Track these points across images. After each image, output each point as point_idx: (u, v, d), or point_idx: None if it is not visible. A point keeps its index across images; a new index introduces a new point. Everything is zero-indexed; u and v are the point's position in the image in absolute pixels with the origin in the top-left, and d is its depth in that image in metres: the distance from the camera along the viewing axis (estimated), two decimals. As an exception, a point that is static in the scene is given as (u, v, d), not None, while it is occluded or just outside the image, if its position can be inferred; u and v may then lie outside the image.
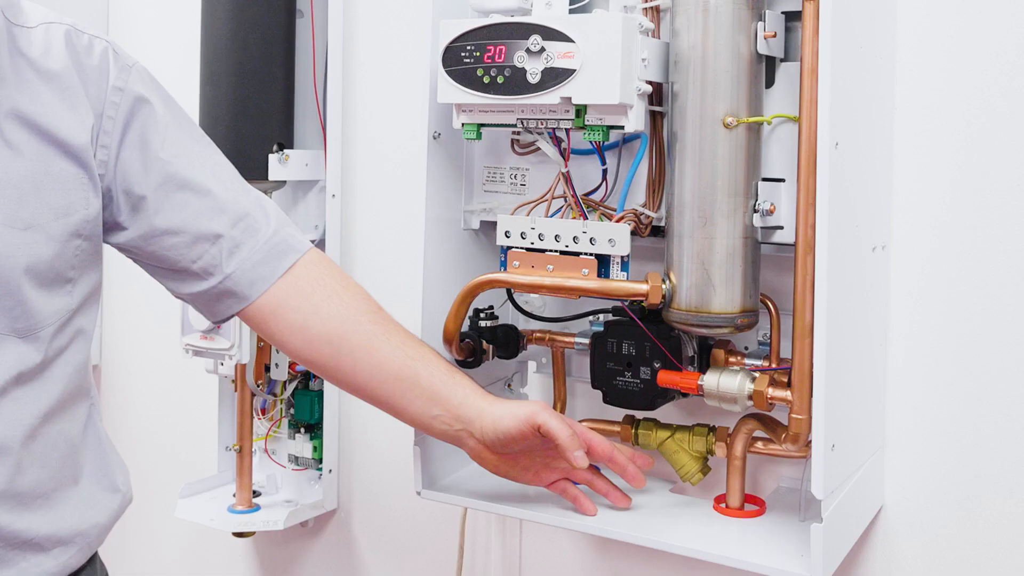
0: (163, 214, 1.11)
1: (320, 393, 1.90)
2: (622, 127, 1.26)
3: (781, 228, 1.28)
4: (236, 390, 1.87)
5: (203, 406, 2.05)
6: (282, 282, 1.16)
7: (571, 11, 1.30)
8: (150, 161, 1.10)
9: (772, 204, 1.26)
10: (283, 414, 1.94)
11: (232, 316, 1.18)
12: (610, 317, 1.43)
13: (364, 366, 1.16)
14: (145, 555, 2.25)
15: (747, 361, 1.35)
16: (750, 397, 1.29)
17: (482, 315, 1.47)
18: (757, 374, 1.29)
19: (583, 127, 1.27)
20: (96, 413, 1.18)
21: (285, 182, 1.86)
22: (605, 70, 1.22)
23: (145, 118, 1.11)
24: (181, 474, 2.06)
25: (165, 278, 1.17)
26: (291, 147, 1.85)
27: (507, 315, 1.53)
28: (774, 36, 1.26)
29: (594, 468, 1.33)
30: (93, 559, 1.15)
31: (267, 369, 1.87)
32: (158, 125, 1.12)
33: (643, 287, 1.28)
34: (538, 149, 1.40)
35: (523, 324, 1.56)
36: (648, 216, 1.34)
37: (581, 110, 1.27)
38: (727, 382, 1.30)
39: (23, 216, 1.00)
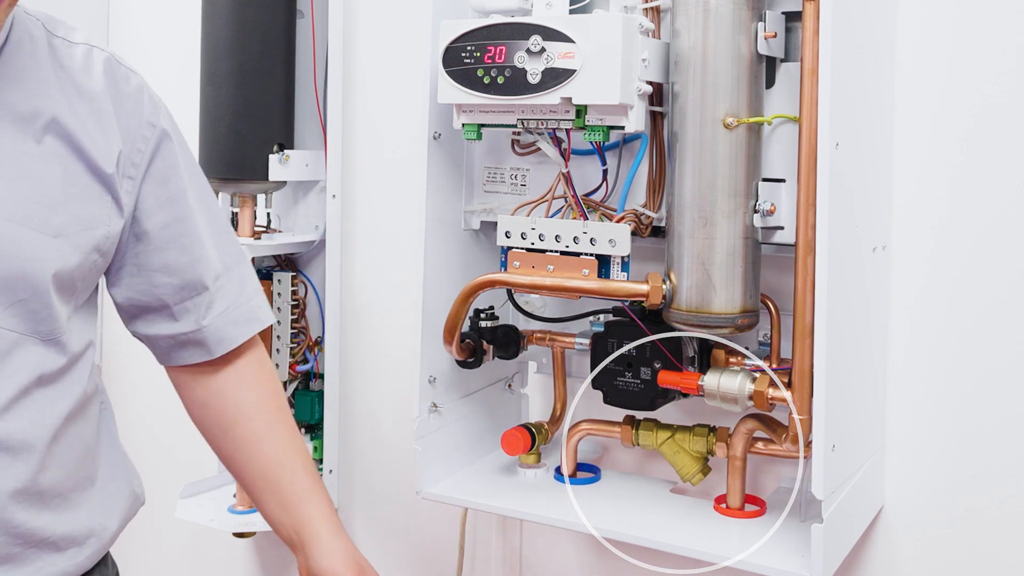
0: (162, 253, 1.14)
1: (320, 393, 1.90)
2: (622, 127, 1.26)
3: (781, 228, 1.28)
4: (236, 390, 1.86)
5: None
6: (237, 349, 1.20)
7: (571, 11, 1.30)
8: (162, 200, 1.13)
9: (772, 204, 1.26)
10: (283, 414, 1.93)
11: (183, 365, 1.20)
12: (610, 317, 1.43)
13: (241, 457, 1.21)
14: (146, 555, 2.25)
15: (747, 361, 1.35)
16: (750, 397, 1.29)
17: (482, 315, 1.47)
18: (757, 374, 1.30)
19: (583, 127, 1.27)
20: (108, 415, 1.20)
21: (285, 182, 1.86)
22: (605, 70, 1.22)
23: (166, 156, 1.14)
24: (181, 474, 2.06)
25: (137, 313, 1.18)
26: (291, 147, 1.85)
27: (507, 315, 1.53)
28: (774, 36, 1.26)
29: None
30: (105, 559, 1.17)
31: (267, 369, 1.87)
32: (177, 167, 1.15)
33: (643, 287, 1.28)
34: (538, 149, 1.40)
35: (523, 324, 1.56)
36: (648, 216, 1.34)
37: (581, 110, 1.27)
38: (727, 382, 1.30)
39: (54, 224, 1.02)
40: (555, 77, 1.25)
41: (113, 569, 1.20)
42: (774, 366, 1.31)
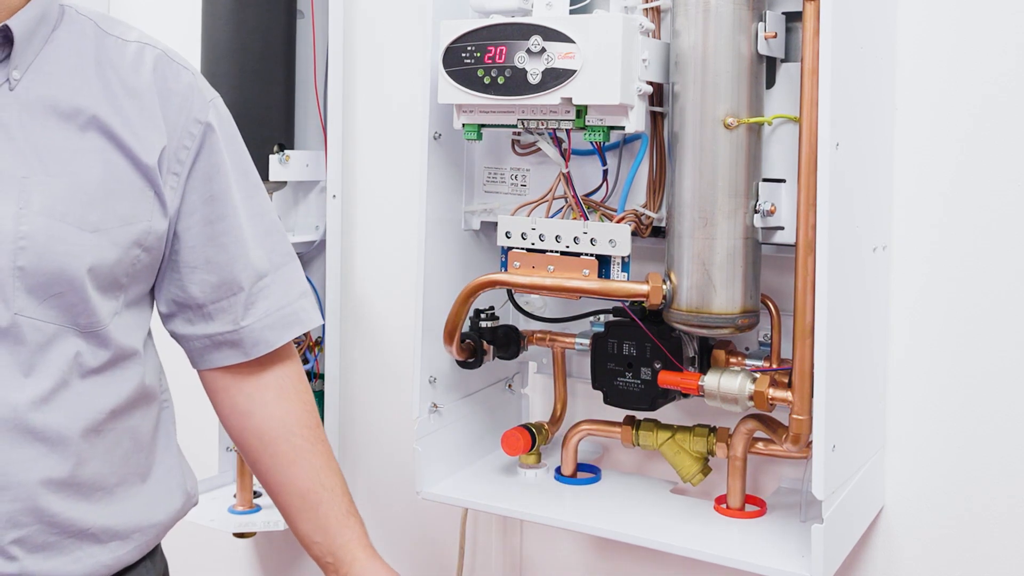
0: (200, 250, 1.14)
1: (320, 394, 1.90)
2: (623, 127, 1.26)
3: (782, 229, 1.28)
4: (237, 391, 1.86)
5: (204, 406, 2.05)
6: (272, 354, 1.20)
7: (571, 12, 1.30)
8: (205, 197, 1.14)
9: (773, 205, 1.26)
10: (284, 414, 1.93)
11: (220, 369, 1.20)
12: (611, 318, 1.43)
13: (280, 473, 1.21)
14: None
15: (748, 362, 1.35)
16: (751, 398, 1.29)
17: (483, 316, 1.47)
18: (758, 375, 1.29)
19: (584, 127, 1.27)
20: (169, 418, 1.21)
21: (286, 183, 1.86)
22: (606, 70, 1.22)
23: (212, 153, 1.14)
24: (182, 474, 2.06)
25: (175, 311, 1.18)
26: (292, 148, 1.85)
27: (508, 315, 1.53)
28: (775, 37, 1.26)
29: None
30: (153, 553, 1.19)
31: (268, 370, 1.87)
32: (223, 164, 1.15)
33: (644, 288, 1.28)
34: (538, 150, 1.40)
35: (524, 324, 1.56)
36: (649, 217, 1.34)
37: (582, 110, 1.27)
38: (728, 383, 1.30)
39: (92, 220, 1.04)
40: (555, 77, 1.25)
41: (162, 563, 1.22)
42: (774, 366, 1.31)
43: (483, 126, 1.34)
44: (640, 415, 1.44)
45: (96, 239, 1.04)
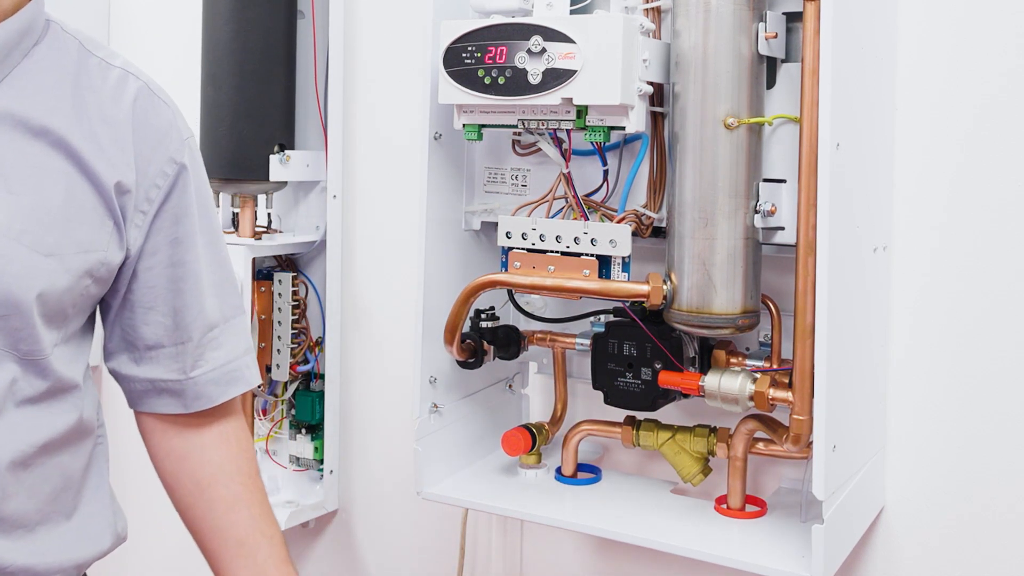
0: (157, 293, 1.10)
1: (321, 394, 1.90)
2: (623, 128, 1.26)
3: (782, 229, 1.28)
4: (237, 391, 1.86)
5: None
6: (215, 408, 1.15)
7: (572, 12, 1.30)
8: (170, 239, 1.09)
9: (773, 205, 1.26)
10: (284, 415, 1.94)
11: (156, 413, 1.15)
12: (611, 318, 1.43)
13: (217, 518, 1.15)
14: (146, 556, 2.25)
15: (748, 362, 1.35)
16: (751, 398, 1.29)
17: (483, 316, 1.47)
18: (758, 375, 1.29)
19: (584, 128, 1.27)
20: (102, 454, 1.15)
21: (286, 183, 1.86)
22: (606, 71, 1.22)
23: (182, 195, 1.10)
24: (182, 475, 2.06)
25: (121, 349, 1.13)
26: (292, 148, 1.85)
27: (508, 316, 1.53)
28: (775, 37, 1.26)
29: None
30: None
31: (268, 370, 1.87)
32: (191, 207, 1.11)
33: (644, 288, 1.28)
34: (539, 150, 1.40)
35: (524, 325, 1.56)
36: (649, 217, 1.34)
37: (582, 111, 1.27)
38: (728, 383, 1.30)
39: (48, 242, 0.99)
40: (556, 77, 1.25)
41: None
42: (775, 366, 1.31)
43: (483, 126, 1.34)
44: (640, 415, 1.44)
45: (49, 264, 0.99)
